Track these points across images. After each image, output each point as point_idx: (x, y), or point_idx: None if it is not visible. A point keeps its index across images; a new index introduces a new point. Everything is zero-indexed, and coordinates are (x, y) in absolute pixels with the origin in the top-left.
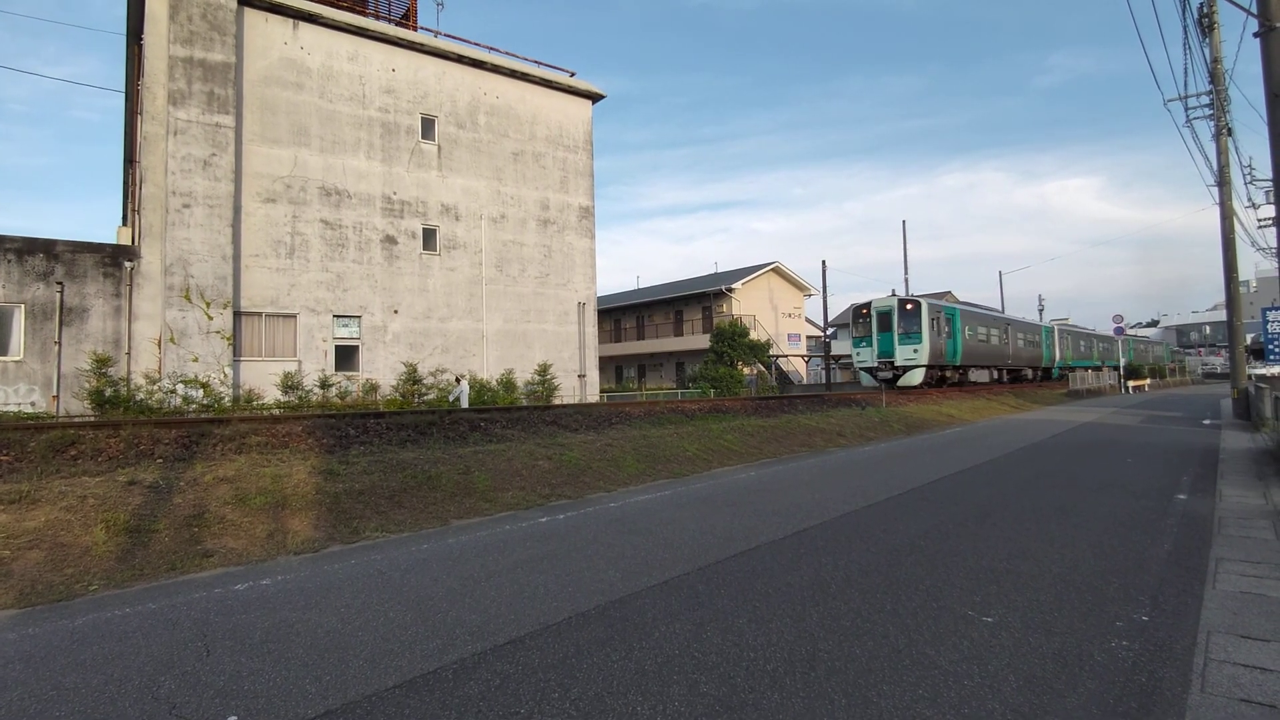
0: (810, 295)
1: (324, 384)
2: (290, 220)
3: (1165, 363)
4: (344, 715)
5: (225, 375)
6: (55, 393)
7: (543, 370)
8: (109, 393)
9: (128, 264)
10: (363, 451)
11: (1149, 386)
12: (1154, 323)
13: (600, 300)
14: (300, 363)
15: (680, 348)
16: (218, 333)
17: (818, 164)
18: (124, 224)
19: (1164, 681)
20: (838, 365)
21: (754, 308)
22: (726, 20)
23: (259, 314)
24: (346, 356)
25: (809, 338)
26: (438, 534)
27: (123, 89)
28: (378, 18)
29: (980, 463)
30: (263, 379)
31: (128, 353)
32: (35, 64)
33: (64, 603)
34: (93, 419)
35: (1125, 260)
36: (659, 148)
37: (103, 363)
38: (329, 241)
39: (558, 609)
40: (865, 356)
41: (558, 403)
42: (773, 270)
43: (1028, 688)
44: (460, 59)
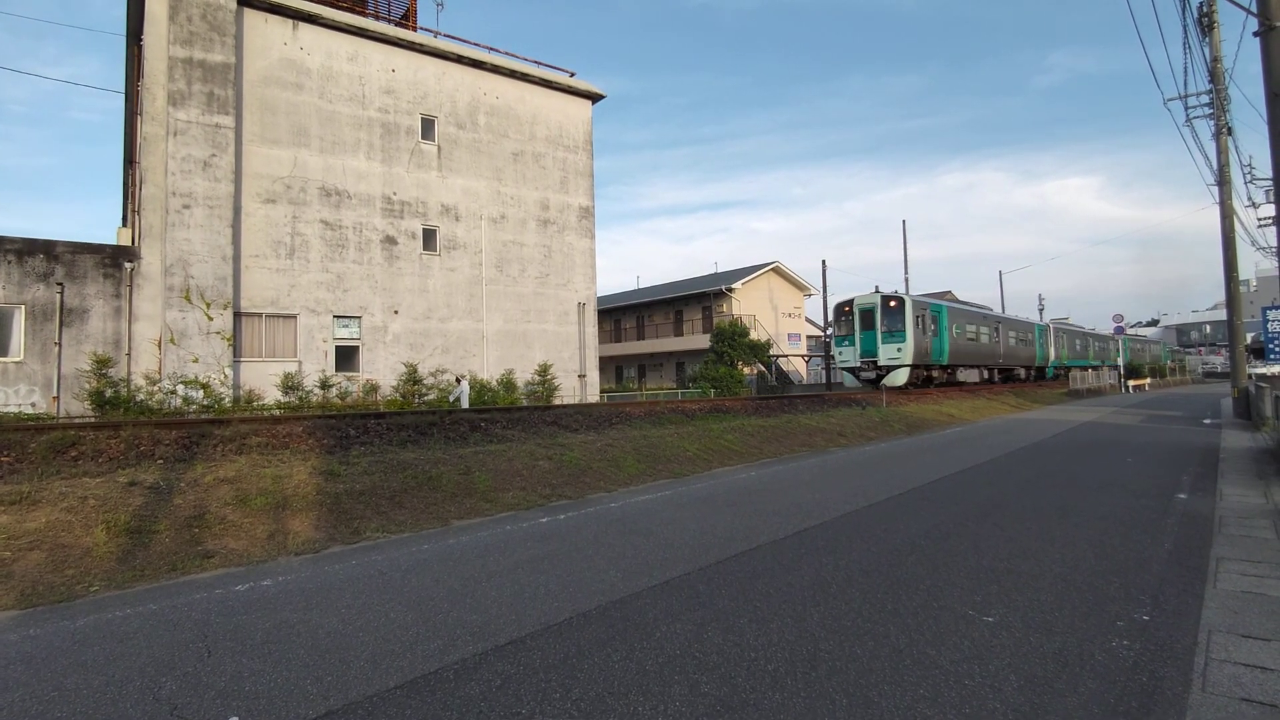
0: (810, 295)
1: (324, 384)
2: (290, 221)
3: (1163, 362)
4: (345, 716)
5: (225, 376)
6: (55, 394)
7: (543, 370)
8: (109, 393)
9: (128, 265)
10: (363, 452)
11: (1149, 386)
12: (1154, 322)
13: (600, 300)
14: (300, 363)
15: (680, 348)
16: (218, 333)
17: (817, 164)
18: (124, 225)
19: (1165, 681)
20: (838, 365)
21: (754, 308)
22: (726, 20)
23: (259, 314)
24: (347, 357)
25: (809, 337)
26: (438, 534)
27: (123, 90)
28: (377, 18)
29: (981, 462)
30: (263, 380)
31: (128, 353)
32: (35, 65)
33: (65, 604)
34: (93, 420)
35: (1125, 260)
36: (659, 148)
37: (103, 363)
38: (329, 242)
39: (559, 609)
40: (847, 356)
41: (558, 403)
42: (773, 270)
43: (1028, 687)
44: (460, 59)
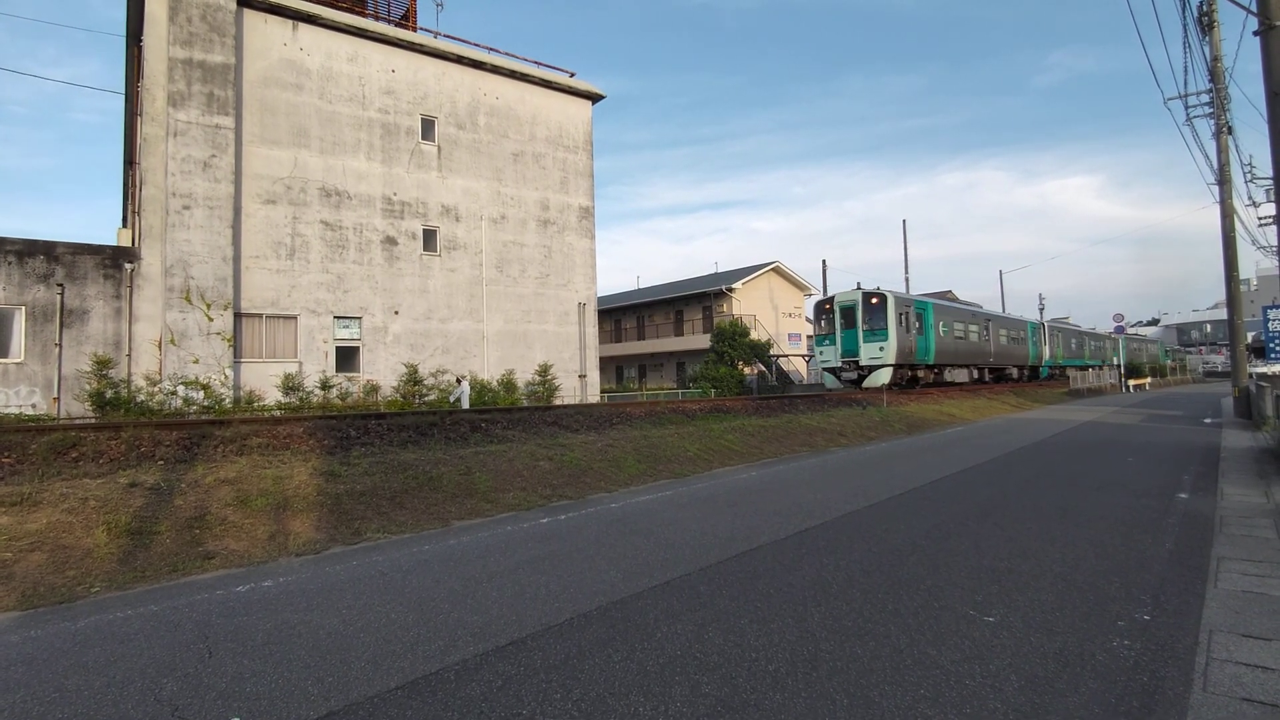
0: (810, 295)
1: (325, 385)
2: (290, 221)
3: (1161, 361)
4: (346, 717)
5: (226, 377)
6: (56, 395)
7: (543, 371)
8: (110, 394)
9: (128, 265)
10: (364, 453)
11: (1150, 385)
12: (1155, 321)
13: (600, 300)
14: (301, 364)
15: (681, 348)
16: (218, 334)
17: (817, 163)
18: (124, 226)
19: (1166, 681)
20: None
21: (754, 307)
22: (726, 20)
23: (259, 315)
24: (347, 358)
25: (809, 337)
26: (439, 535)
27: (122, 91)
28: (377, 18)
29: (981, 462)
30: (263, 380)
31: (128, 354)
32: (35, 66)
33: (66, 605)
34: (94, 421)
35: (1125, 259)
36: (659, 147)
37: (103, 364)
38: (329, 243)
39: (559, 610)
40: (828, 356)
41: (558, 403)
42: (773, 270)
43: (1029, 687)
44: (460, 59)
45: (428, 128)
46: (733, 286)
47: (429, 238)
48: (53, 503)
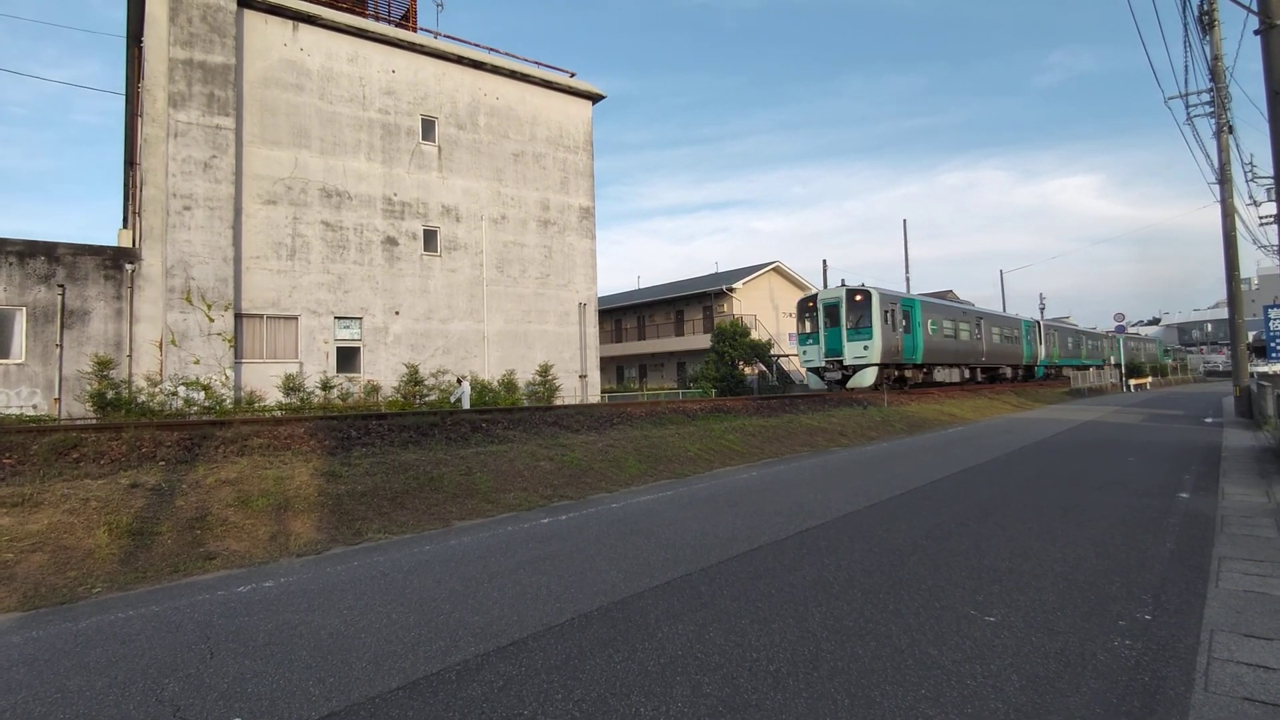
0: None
1: (325, 386)
2: (291, 222)
3: (1160, 360)
4: (348, 717)
5: (227, 377)
6: (57, 395)
7: (544, 371)
8: (110, 395)
9: (129, 266)
10: (365, 453)
11: (1150, 385)
12: (1156, 320)
13: (601, 300)
14: (302, 364)
15: (681, 348)
16: (219, 335)
17: (818, 163)
18: (125, 226)
19: (1167, 681)
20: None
21: (755, 307)
22: (726, 20)
23: (260, 316)
24: (348, 358)
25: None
26: (440, 535)
27: (123, 91)
28: (377, 19)
29: (982, 462)
30: (264, 381)
31: (129, 355)
32: (36, 67)
33: (67, 605)
34: (95, 422)
35: (1126, 258)
36: (659, 147)
37: (104, 365)
38: (330, 243)
39: (560, 610)
40: (812, 355)
41: (559, 403)
42: (773, 270)
43: (1030, 687)
44: (460, 60)
45: (428, 128)
46: (733, 286)
47: (429, 238)
48: (54, 503)
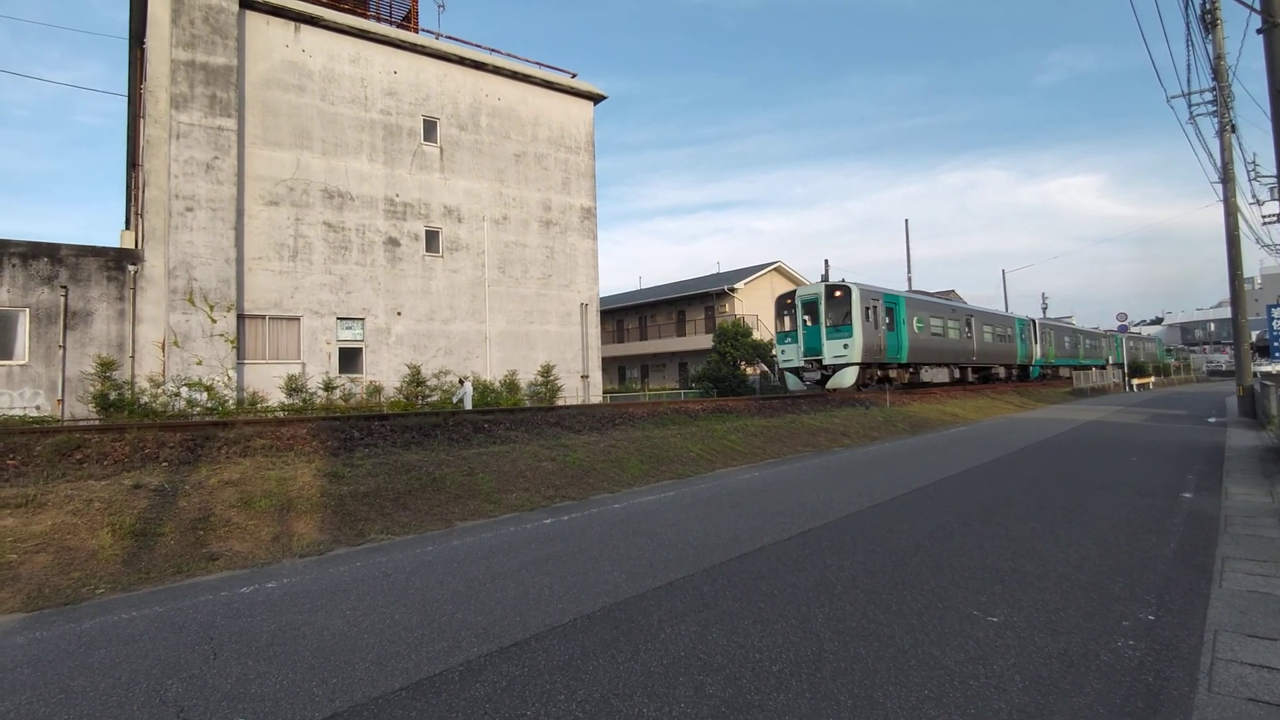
0: None
1: (328, 386)
2: (293, 223)
3: (1159, 360)
4: (351, 718)
5: (229, 378)
6: (60, 396)
7: (546, 371)
8: (113, 396)
9: (131, 267)
10: (367, 454)
11: (1153, 384)
12: (1158, 320)
13: (603, 301)
14: (304, 365)
15: (683, 348)
16: (221, 335)
17: (819, 163)
18: (127, 227)
19: (1171, 681)
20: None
21: (757, 307)
22: (726, 20)
23: (262, 317)
24: (350, 359)
25: None
26: (442, 536)
27: (125, 93)
28: (379, 20)
29: (985, 462)
30: (267, 382)
31: (132, 356)
32: (38, 68)
33: (71, 606)
34: (97, 423)
35: (1128, 258)
36: (660, 148)
37: (107, 366)
38: (332, 244)
39: (563, 611)
40: (790, 355)
41: (561, 404)
42: (775, 270)
43: (1034, 688)
44: (462, 61)
45: (430, 129)
46: (735, 286)
47: (431, 239)
48: (58, 504)
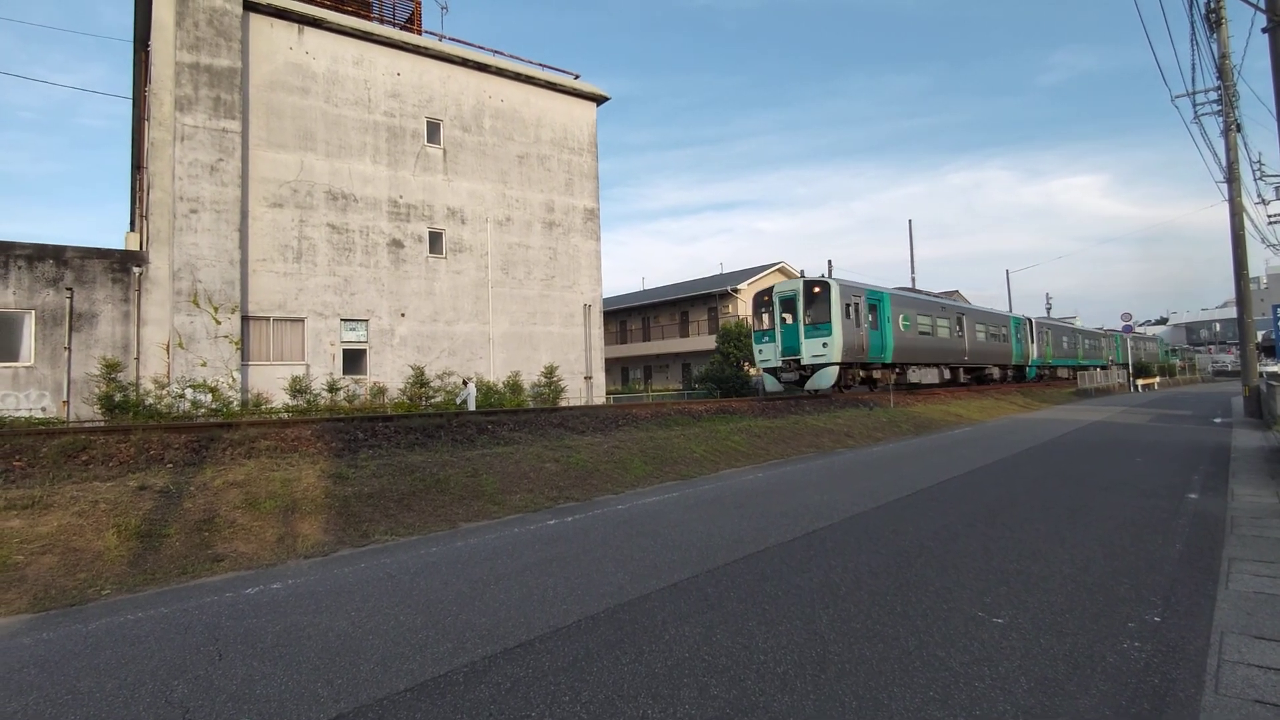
0: None
1: (332, 388)
2: (297, 225)
3: (1161, 360)
4: (356, 719)
5: (233, 379)
6: (65, 398)
7: (549, 372)
8: (118, 398)
9: (136, 269)
10: (371, 455)
11: (1158, 385)
12: (1163, 320)
13: (606, 302)
14: (308, 366)
15: (686, 349)
16: (225, 337)
17: (822, 163)
18: (132, 229)
19: (1177, 683)
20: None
21: None
22: (728, 20)
23: (266, 318)
24: (354, 360)
25: None
26: (446, 537)
27: (130, 95)
28: (382, 22)
29: (989, 463)
30: (271, 383)
31: (136, 358)
32: (43, 71)
33: (77, 607)
34: (103, 424)
35: (1133, 258)
36: (662, 148)
37: (112, 368)
38: (336, 245)
39: (567, 612)
40: (768, 354)
41: (564, 405)
42: (778, 270)
43: (1039, 689)
44: (465, 63)
45: (433, 130)
46: (738, 287)
47: (435, 240)
48: (64, 506)
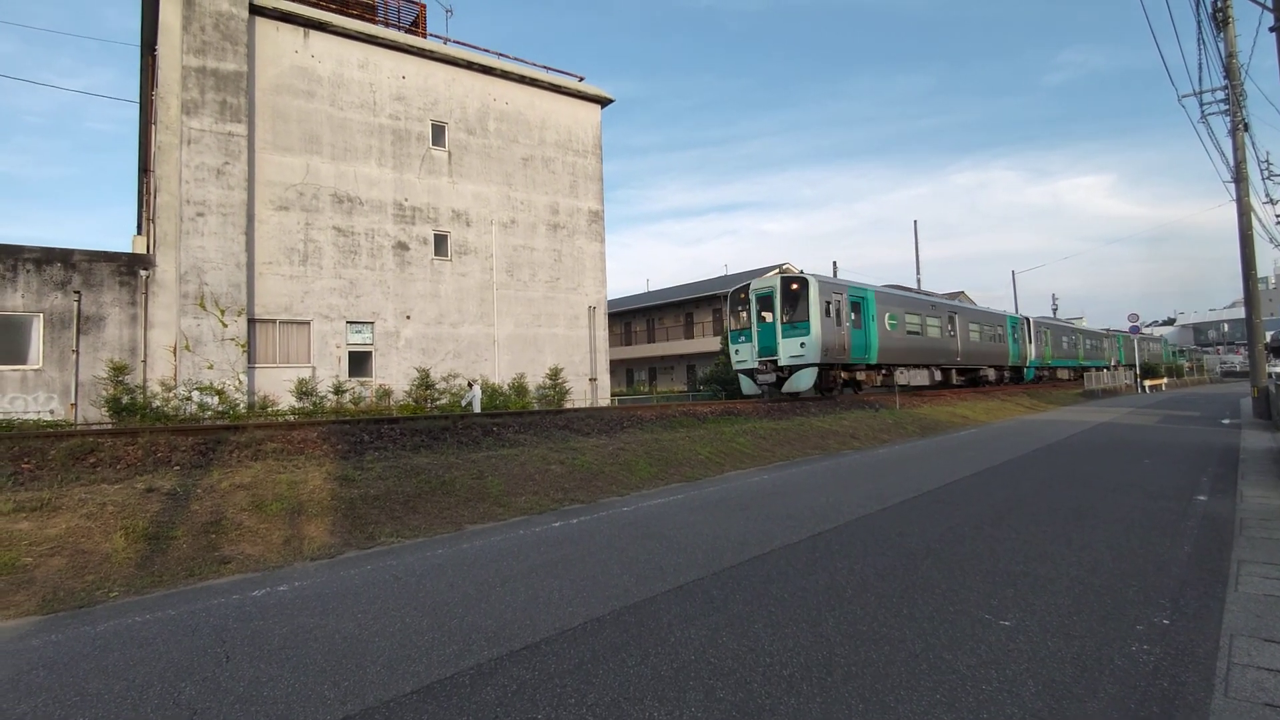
0: None
1: (338, 390)
2: (303, 227)
3: (1164, 360)
4: None
5: (240, 382)
6: (73, 401)
7: (554, 374)
8: (126, 400)
9: (143, 272)
10: (377, 457)
11: (1166, 386)
12: (1170, 321)
13: (610, 304)
14: (314, 369)
15: (691, 350)
16: (232, 340)
17: (826, 164)
18: (139, 233)
19: (1186, 686)
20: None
21: None
22: (731, 22)
23: (273, 321)
24: (360, 362)
25: None
26: (452, 539)
27: (137, 99)
28: (387, 25)
29: (996, 464)
30: (277, 385)
31: (144, 360)
32: (51, 76)
33: (85, 609)
34: (110, 427)
35: (1139, 258)
36: (666, 150)
37: (120, 371)
38: (341, 248)
39: (573, 614)
40: (744, 355)
41: (569, 406)
42: (782, 271)
43: (1047, 692)
44: (470, 65)
45: (438, 133)
46: None
47: (440, 243)
48: (72, 508)
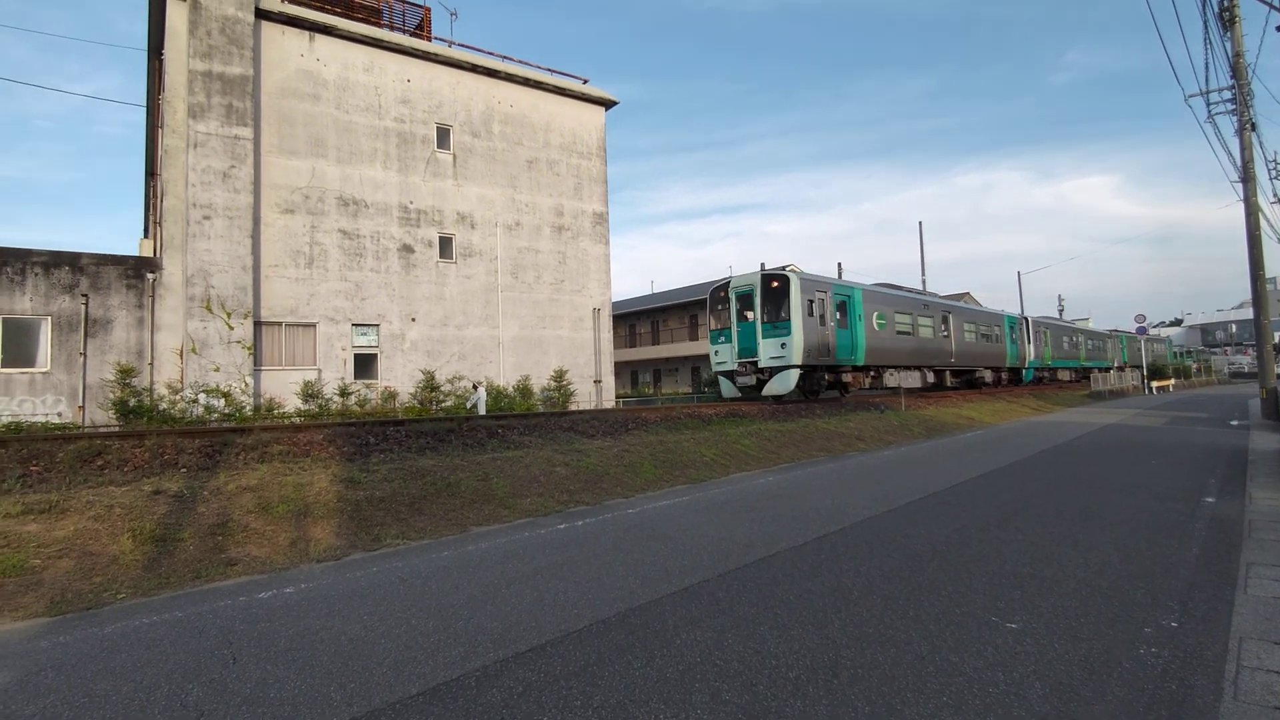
0: None
1: (343, 392)
2: (309, 230)
3: (1169, 360)
4: None
5: (246, 384)
6: (81, 403)
7: (559, 376)
8: (133, 403)
9: (150, 275)
10: (383, 459)
11: (1173, 387)
12: (1178, 321)
13: (615, 305)
14: (320, 371)
15: (696, 352)
16: (238, 342)
17: (831, 166)
18: (146, 236)
19: (1195, 689)
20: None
21: None
22: (736, 24)
23: (279, 323)
24: (365, 365)
25: None
26: (458, 541)
27: (144, 103)
28: (392, 29)
29: (1002, 466)
30: (283, 388)
31: (150, 363)
32: (59, 80)
33: (93, 611)
34: (118, 429)
35: (1146, 258)
36: (671, 152)
37: (127, 373)
38: (347, 251)
39: (579, 616)
40: (724, 356)
41: (574, 408)
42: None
43: (1054, 695)
44: (474, 68)
45: (443, 136)
46: None
47: (445, 245)
48: (80, 510)
